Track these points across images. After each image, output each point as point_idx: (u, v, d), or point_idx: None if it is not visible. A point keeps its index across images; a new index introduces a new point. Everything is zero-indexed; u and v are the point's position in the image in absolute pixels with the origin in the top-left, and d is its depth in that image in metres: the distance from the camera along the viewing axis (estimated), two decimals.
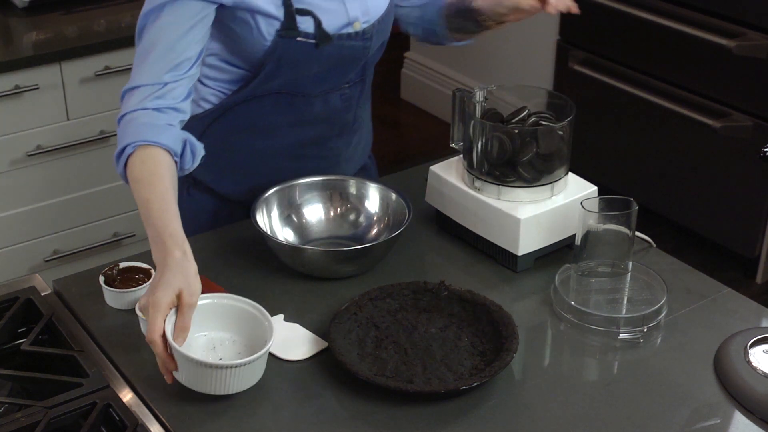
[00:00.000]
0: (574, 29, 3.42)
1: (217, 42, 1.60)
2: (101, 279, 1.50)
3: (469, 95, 1.63)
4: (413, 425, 1.30)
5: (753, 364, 1.36)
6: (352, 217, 1.69)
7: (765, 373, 1.35)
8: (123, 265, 1.54)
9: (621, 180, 3.45)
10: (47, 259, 2.64)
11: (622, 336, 1.47)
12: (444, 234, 1.70)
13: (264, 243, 1.60)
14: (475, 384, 1.32)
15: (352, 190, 1.70)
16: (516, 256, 1.58)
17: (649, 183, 3.37)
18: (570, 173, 1.65)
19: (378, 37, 1.68)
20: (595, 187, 1.65)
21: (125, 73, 2.57)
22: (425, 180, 1.71)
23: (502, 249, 1.60)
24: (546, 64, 3.60)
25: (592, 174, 1.71)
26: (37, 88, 2.45)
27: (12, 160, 2.50)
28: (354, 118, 1.76)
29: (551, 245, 1.61)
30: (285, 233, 1.65)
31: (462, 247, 1.67)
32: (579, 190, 1.64)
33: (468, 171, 1.63)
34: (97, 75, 2.53)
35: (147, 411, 1.31)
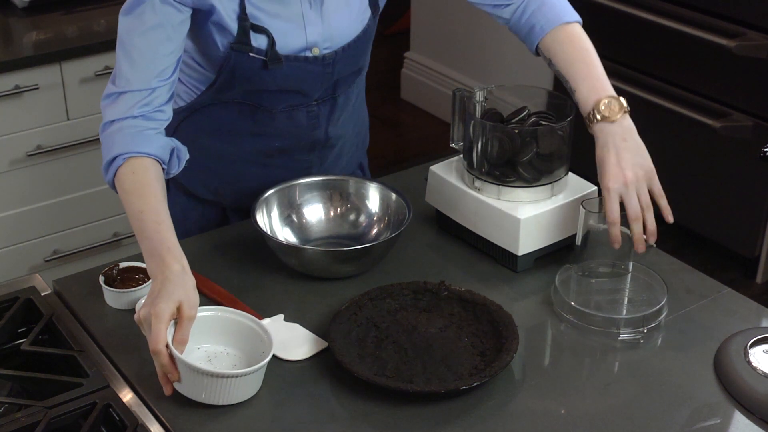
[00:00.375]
0: None
1: (188, 40, 1.59)
2: (101, 279, 1.50)
3: (469, 95, 1.63)
4: (413, 425, 1.30)
5: (753, 364, 1.36)
6: (352, 217, 1.69)
7: (765, 373, 1.35)
8: (123, 265, 1.54)
9: None
10: (47, 259, 2.64)
11: (622, 337, 1.47)
12: (444, 234, 1.70)
13: (264, 243, 1.60)
14: (475, 384, 1.32)
15: (352, 190, 1.70)
16: (516, 256, 1.58)
17: None
18: (570, 173, 1.65)
19: (345, 64, 1.65)
20: (595, 187, 1.65)
21: None
22: (425, 180, 1.71)
23: (502, 249, 1.60)
24: (546, 64, 3.60)
25: (592, 174, 1.71)
26: (37, 88, 2.45)
27: (12, 160, 2.50)
28: (326, 136, 1.73)
29: (551, 245, 1.61)
30: (285, 233, 1.65)
31: (462, 247, 1.67)
32: (579, 190, 1.64)
33: (468, 171, 1.63)
34: (97, 75, 2.53)
35: (147, 411, 1.31)
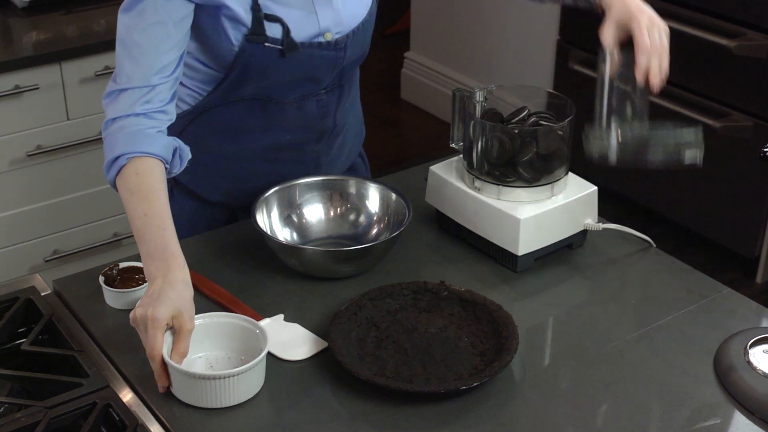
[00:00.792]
0: (574, 29, 3.42)
1: (192, 41, 1.58)
2: (101, 279, 1.50)
3: (469, 95, 1.63)
4: (413, 425, 1.30)
5: (753, 364, 1.36)
6: (352, 217, 1.69)
7: (765, 373, 1.35)
8: (123, 265, 1.54)
9: (621, 180, 3.45)
10: (47, 259, 2.65)
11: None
12: (444, 234, 1.70)
13: (264, 243, 1.60)
14: (475, 384, 1.32)
15: (352, 190, 1.70)
16: (516, 256, 1.58)
17: (649, 183, 3.37)
18: (570, 173, 1.65)
19: (354, 48, 1.66)
20: (595, 187, 1.65)
21: None
22: (425, 180, 1.71)
23: (502, 249, 1.60)
24: (546, 64, 3.60)
25: (592, 174, 1.71)
26: (37, 88, 2.45)
27: (12, 160, 2.50)
28: (333, 123, 1.74)
29: (551, 245, 1.61)
30: (285, 233, 1.65)
31: (462, 247, 1.67)
32: (579, 190, 1.64)
33: (468, 171, 1.63)
34: (97, 75, 2.53)
35: (147, 411, 1.31)
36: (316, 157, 1.76)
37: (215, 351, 1.39)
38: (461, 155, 1.66)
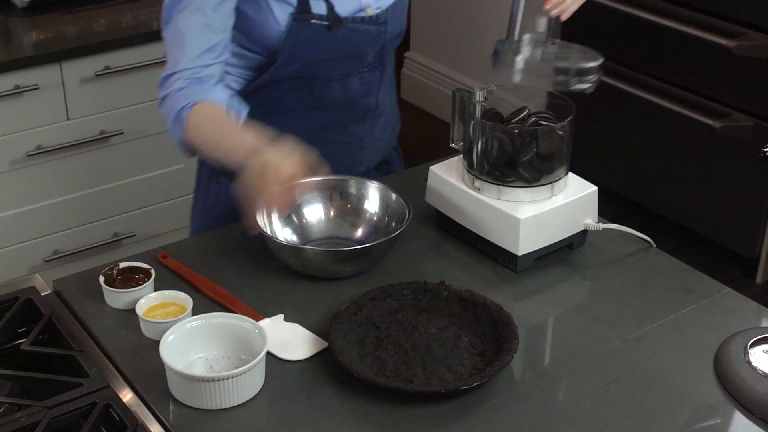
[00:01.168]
0: (574, 29, 3.42)
1: (236, 30, 1.63)
2: (101, 279, 1.50)
3: (469, 95, 1.63)
4: (413, 425, 1.30)
5: (753, 364, 1.36)
6: (352, 217, 1.69)
7: (765, 373, 1.35)
8: (123, 265, 1.54)
9: (621, 180, 3.45)
10: (47, 259, 2.65)
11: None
12: (444, 234, 1.70)
13: (264, 243, 1.60)
14: (475, 384, 1.32)
15: (352, 190, 1.70)
16: (516, 256, 1.58)
17: (649, 183, 3.37)
18: (570, 173, 1.65)
19: (393, 23, 1.72)
20: (595, 187, 1.65)
21: (125, 73, 2.57)
22: (425, 180, 1.71)
23: (502, 249, 1.60)
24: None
25: (592, 174, 1.71)
26: (37, 88, 2.45)
27: (12, 160, 2.50)
28: (376, 103, 1.79)
29: (551, 245, 1.61)
30: (285, 233, 1.65)
31: (462, 247, 1.67)
32: (579, 190, 1.64)
33: (468, 171, 1.63)
34: (97, 75, 2.53)
35: (147, 411, 1.31)
36: (359, 138, 1.81)
37: (215, 351, 1.39)
38: (461, 155, 1.66)
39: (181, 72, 1.56)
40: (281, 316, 1.48)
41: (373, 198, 1.69)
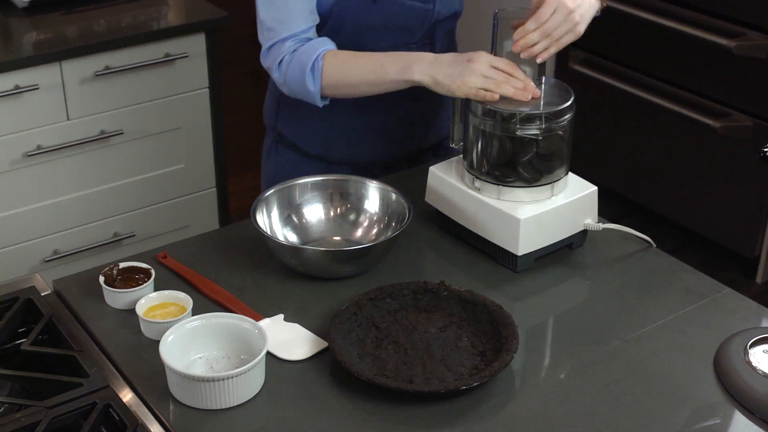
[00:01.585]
0: None
1: None
2: (101, 279, 1.50)
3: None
4: (413, 425, 1.30)
5: (753, 364, 1.36)
6: (352, 217, 1.69)
7: (765, 373, 1.35)
8: (123, 265, 1.54)
9: (621, 180, 3.45)
10: (47, 259, 2.65)
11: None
12: (444, 234, 1.70)
13: (264, 243, 1.60)
14: (475, 384, 1.32)
15: (352, 190, 1.70)
16: (516, 256, 1.58)
17: (649, 183, 3.37)
18: (570, 173, 1.65)
19: (443, 4, 1.77)
20: (595, 187, 1.65)
21: (125, 73, 2.57)
22: (425, 180, 1.71)
23: (502, 249, 1.60)
24: (546, 63, 3.60)
25: (592, 174, 1.71)
26: (37, 88, 2.45)
27: (12, 160, 2.50)
28: None
29: (551, 245, 1.61)
30: (285, 233, 1.65)
31: (462, 247, 1.67)
32: (579, 190, 1.64)
33: (468, 171, 1.63)
34: (97, 75, 2.53)
35: (147, 411, 1.31)
36: (410, 112, 1.86)
37: (215, 351, 1.39)
38: (461, 155, 1.66)
39: (290, 37, 1.68)
40: (281, 316, 1.48)
41: (373, 198, 1.69)
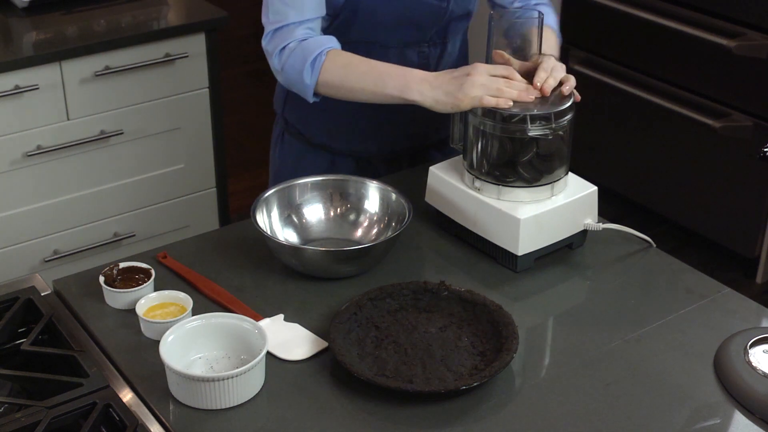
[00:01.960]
0: (574, 29, 3.42)
1: None
2: (101, 279, 1.50)
3: None
4: (413, 425, 1.30)
5: (753, 364, 1.36)
6: (352, 217, 1.69)
7: (765, 373, 1.35)
8: (123, 265, 1.54)
9: (621, 180, 3.45)
10: (47, 259, 2.65)
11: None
12: (444, 234, 1.70)
13: (264, 243, 1.60)
14: (475, 384, 1.32)
15: (352, 190, 1.70)
16: (516, 256, 1.58)
17: (649, 183, 3.37)
18: (570, 173, 1.65)
19: (457, 3, 1.77)
20: (595, 187, 1.65)
21: (125, 73, 2.57)
22: (425, 180, 1.71)
23: (502, 249, 1.60)
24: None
25: (592, 174, 1.71)
26: (37, 88, 2.45)
27: (11, 160, 2.50)
28: None
29: (551, 245, 1.61)
30: (285, 233, 1.65)
31: (462, 247, 1.67)
32: (579, 190, 1.64)
33: (468, 171, 1.63)
34: (97, 75, 2.53)
35: (147, 411, 1.31)
36: (415, 108, 1.83)
37: (215, 351, 1.39)
38: (461, 155, 1.66)
39: (298, 24, 1.65)
40: (281, 316, 1.48)
41: (373, 198, 1.69)
